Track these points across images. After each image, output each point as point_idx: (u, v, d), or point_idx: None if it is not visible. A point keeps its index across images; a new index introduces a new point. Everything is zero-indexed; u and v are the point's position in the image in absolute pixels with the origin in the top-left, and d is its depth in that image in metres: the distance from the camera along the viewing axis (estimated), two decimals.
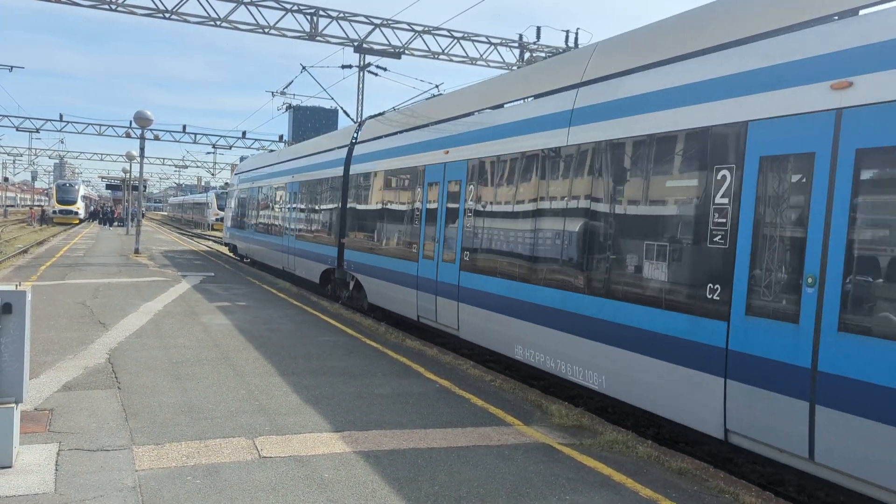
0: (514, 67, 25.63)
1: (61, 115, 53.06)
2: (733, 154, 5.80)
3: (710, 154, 6.02)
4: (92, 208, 67.44)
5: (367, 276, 14.02)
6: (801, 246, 5.16)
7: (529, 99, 9.44)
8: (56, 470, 4.99)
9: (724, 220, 5.81)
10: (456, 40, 25.93)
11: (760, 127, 5.58)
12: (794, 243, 5.25)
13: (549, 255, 8.16)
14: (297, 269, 19.22)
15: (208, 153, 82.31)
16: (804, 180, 5.23)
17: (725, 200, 5.83)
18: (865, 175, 4.87)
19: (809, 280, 5.11)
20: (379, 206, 13.73)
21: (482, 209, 9.83)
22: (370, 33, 24.85)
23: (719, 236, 5.82)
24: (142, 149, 27.07)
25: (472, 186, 10.25)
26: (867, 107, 4.84)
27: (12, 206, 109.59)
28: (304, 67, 25.95)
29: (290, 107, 41.67)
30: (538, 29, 26.29)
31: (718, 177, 5.92)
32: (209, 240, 45.27)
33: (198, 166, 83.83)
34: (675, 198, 6.41)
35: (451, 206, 10.91)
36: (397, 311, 12.48)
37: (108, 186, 67.51)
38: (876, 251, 4.77)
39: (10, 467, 4.94)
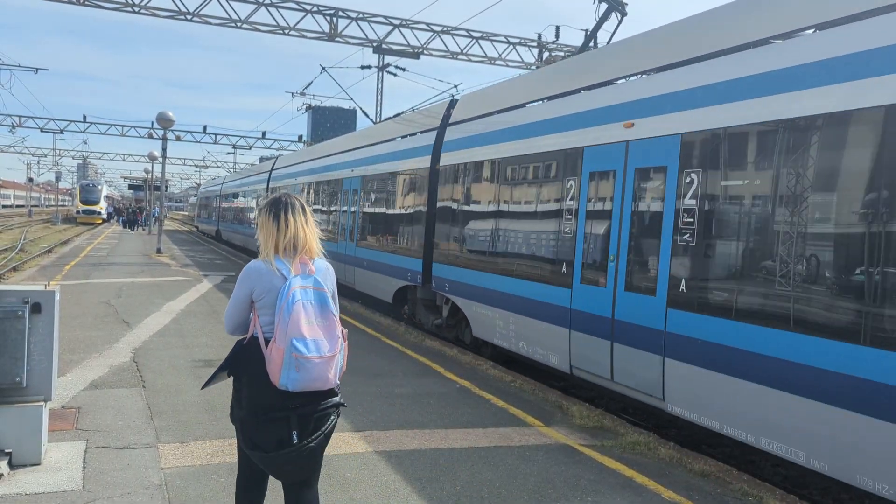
0: (534, 67, 25.57)
1: (84, 116, 53.68)
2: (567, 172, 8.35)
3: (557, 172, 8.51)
4: (111, 209, 68.14)
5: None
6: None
7: (409, 136, 13.46)
8: (84, 467, 5.07)
9: (571, 218, 8.09)
10: (475, 40, 25.91)
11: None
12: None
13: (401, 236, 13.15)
14: (209, 231, 44.17)
15: (228, 153, 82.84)
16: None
17: (573, 203, 8.07)
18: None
19: (611, 258, 7.28)
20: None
21: (369, 209, 15.12)
22: (389, 34, 24.91)
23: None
24: (164, 150, 27.35)
25: (362, 193, 15.45)
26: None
27: (36, 206, 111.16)
28: (323, 68, 26.10)
29: (309, 107, 41.87)
30: (557, 28, 26.26)
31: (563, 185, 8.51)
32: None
33: (218, 166, 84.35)
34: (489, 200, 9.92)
35: (352, 206, 16.19)
36: None
37: (131, 187, 68.31)
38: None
39: (39, 465, 5.02)
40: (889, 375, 4.57)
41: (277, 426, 3.31)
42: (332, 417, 3.43)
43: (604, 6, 10.53)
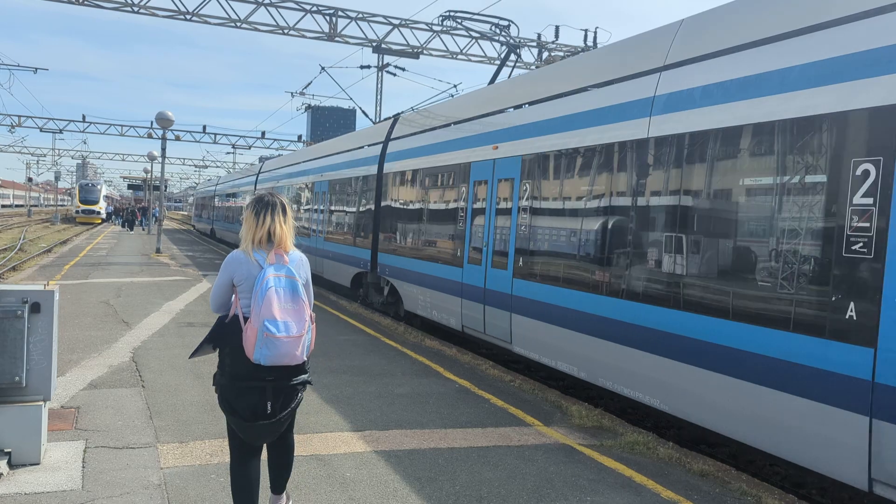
0: (533, 67, 25.57)
1: (84, 116, 53.64)
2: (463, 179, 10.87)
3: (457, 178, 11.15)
4: (111, 208, 68.09)
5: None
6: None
7: (365, 146, 15.95)
8: (83, 467, 5.07)
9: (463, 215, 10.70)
10: (474, 40, 25.90)
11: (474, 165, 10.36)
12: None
13: (351, 230, 16.22)
14: (205, 229, 47.73)
15: (228, 153, 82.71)
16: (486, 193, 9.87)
17: (463, 204, 10.62)
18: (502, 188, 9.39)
19: (485, 244, 9.83)
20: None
21: (334, 208, 17.71)
22: (389, 33, 24.91)
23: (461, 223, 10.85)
24: (163, 149, 27.35)
25: (329, 195, 18.10)
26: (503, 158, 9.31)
27: (36, 205, 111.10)
28: (323, 68, 26.08)
29: (308, 107, 41.85)
30: (556, 28, 26.19)
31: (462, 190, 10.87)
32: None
33: (217, 166, 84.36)
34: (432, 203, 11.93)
35: (321, 206, 18.91)
36: None
37: (130, 186, 68.29)
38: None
39: (38, 464, 5.02)
40: (607, 310, 7.23)
41: (253, 394, 3.84)
42: (300, 393, 4.01)
43: (504, 49, 13.65)
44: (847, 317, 4.84)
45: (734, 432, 5.80)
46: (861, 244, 4.82)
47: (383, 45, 24.79)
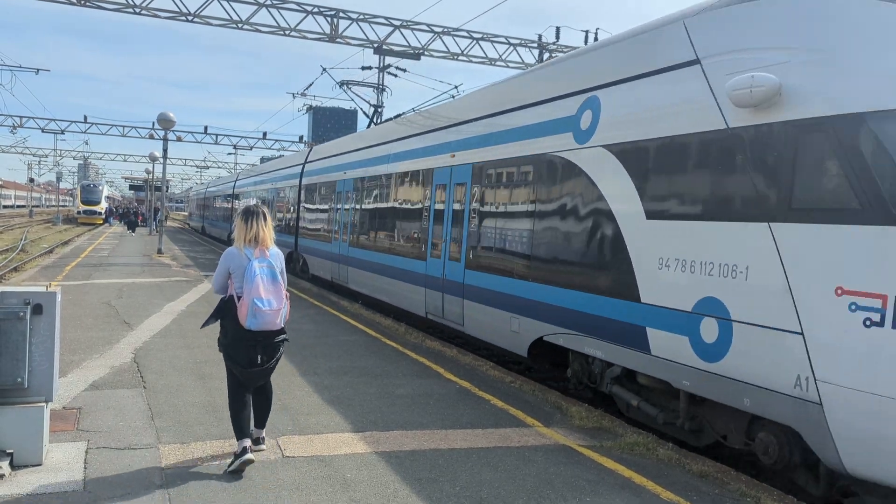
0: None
1: (86, 117, 53.68)
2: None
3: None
4: (109, 208, 68.05)
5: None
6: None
7: (296, 165, 23.88)
8: (85, 468, 5.09)
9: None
10: (475, 41, 25.95)
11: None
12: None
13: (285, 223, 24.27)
14: (197, 226, 55.53)
15: (229, 154, 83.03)
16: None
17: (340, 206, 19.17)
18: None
19: (341, 227, 17.67)
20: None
21: (278, 208, 25.20)
22: (390, 35, 24.94)
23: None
24: (165, 150, 27.39)
25: (276, 199, 25.87)
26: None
27: (37, 206, 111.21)
28: (324, 69, 26.14)
29: (310, 108, 41.90)
30: (557, 29, 26.26)
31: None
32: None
33: (219, 167, 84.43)
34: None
35: (272, 206, 25.83)
36: None
37: (132, 187, 68.34)
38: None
39: (40, 465, 5.05)
40: (372, 258, 14.61)
41: (248, 350, 5.32)
42: (281, 348, 5.50)
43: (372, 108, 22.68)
44: (421, 249, 11.79)
45: (395, 302, 13.10)
46: (423, 221, 11.87)
47: (384, 47, 24.81)
